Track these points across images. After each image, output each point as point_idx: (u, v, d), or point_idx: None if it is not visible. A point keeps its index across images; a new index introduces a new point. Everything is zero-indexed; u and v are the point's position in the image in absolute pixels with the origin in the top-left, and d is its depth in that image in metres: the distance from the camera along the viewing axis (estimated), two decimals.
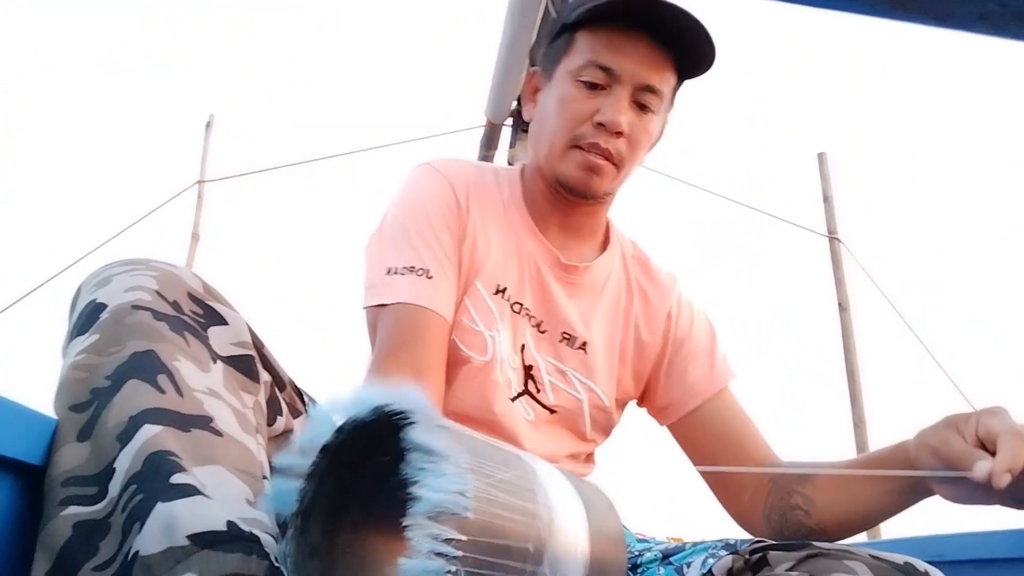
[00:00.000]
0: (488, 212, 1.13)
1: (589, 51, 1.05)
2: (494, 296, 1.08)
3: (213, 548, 0.49)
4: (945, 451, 0.77)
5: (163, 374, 0.57)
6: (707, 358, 1.17)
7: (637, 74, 1.04)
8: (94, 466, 0.53)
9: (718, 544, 0.82)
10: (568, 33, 1.09)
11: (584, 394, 1.12)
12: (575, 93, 1.05)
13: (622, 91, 1.04)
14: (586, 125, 1.04)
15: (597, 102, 1.04)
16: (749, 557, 0.77)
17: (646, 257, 1.24)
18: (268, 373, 0.71)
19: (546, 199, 1.13)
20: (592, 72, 1.04)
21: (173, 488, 0.50)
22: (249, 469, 0.57)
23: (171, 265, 0.67)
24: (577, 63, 1.05)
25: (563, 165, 1.06)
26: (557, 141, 1.07)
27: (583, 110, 1.04)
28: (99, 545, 0.50)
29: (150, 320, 0.60)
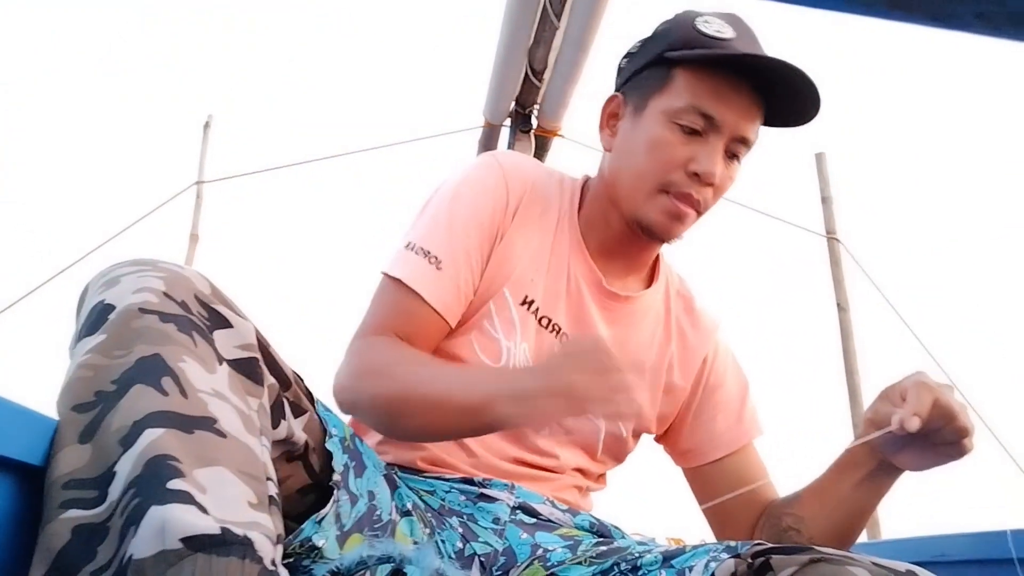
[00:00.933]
0: (539, 219, 1.09)
1: (691, 95, 1.00)
2: (519, 306, 1.06)
3: (206, 552, 0.49)
4: (876, 418, 0.90)
5: (168, 376, 0.57)
6: (737, 411, 1.16)
7: (737, 126, 1.01)
8: (95, 469, 0.53)
9: (719, 547, 0.82)
10: (665, 67, 1.04)
11: (602, 422, 1.10)
12: (670, 136, 1.01)
13: (719, 141, 1.01)
14: (679, 172, 1.01)
15: (693, 149, 1.00)
16: (752, 561, 0.76)
17: (691, 296, 1.21)
18: (273, 376, 0.71)
19: (606, 224, 1.10)
20: (692, 118, 1.00)
21: (169, 492, 0.50)
22: (252, 471, 0.57)
23: (180, 267, 0.67)
24: (676, 104, 1.01)
25: (648, 208, 1.03)
26: (645, 183, 1.03)
27: (678, 156, 1.01)
28: (97, 549, 0.50)
29: (157, 323, 0.60)
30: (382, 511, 0.89)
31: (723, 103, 1.00)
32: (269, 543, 0.53)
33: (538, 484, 1.05)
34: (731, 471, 1.12)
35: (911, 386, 0.87)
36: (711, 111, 0.99)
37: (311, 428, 0.80)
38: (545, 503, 1.03)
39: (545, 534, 0.98)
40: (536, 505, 1.01)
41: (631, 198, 1.05)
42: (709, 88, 1.00)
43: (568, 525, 1.02)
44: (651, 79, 1.05)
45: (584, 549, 0.94)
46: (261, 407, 0.66)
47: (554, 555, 0.94)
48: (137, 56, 5.70)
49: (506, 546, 0.96)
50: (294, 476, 0.79)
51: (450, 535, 0.96)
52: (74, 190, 5.09)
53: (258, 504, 0.55)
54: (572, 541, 0.96)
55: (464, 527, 0.97)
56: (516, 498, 1.01)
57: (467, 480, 1.02)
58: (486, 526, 0.97)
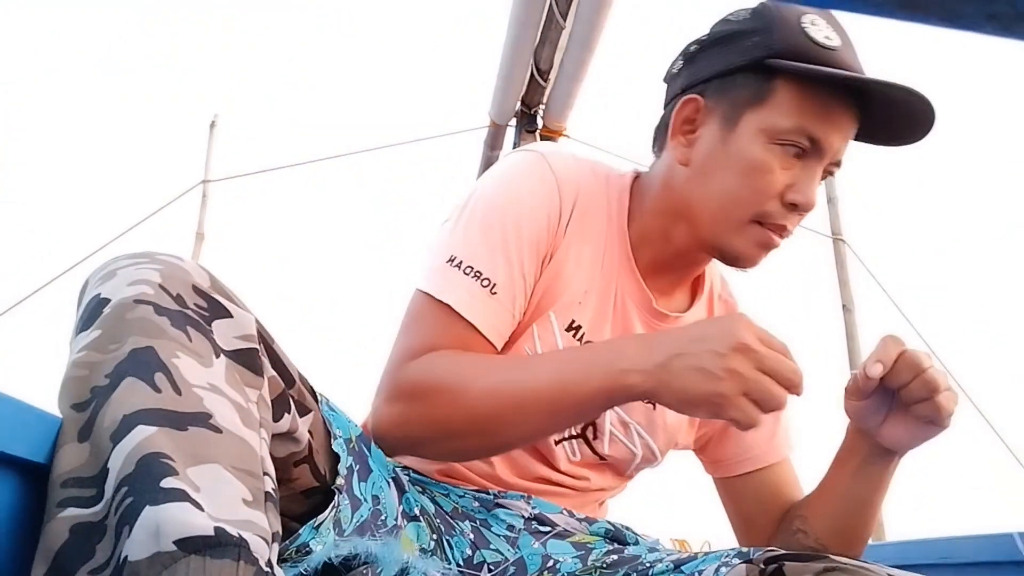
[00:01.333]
0: (589, 231, 0.99)
1: (799, 114, 0.89)
2: (565, 332, 0.98)
3: (200, 553, 0.48)
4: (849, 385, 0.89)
5: (161, 372, 0.57)
6: (772, 422, 1.08)
7: (840, 150, 0.93)
8: (92, 467, 0.53)
9: (731, 552, 0.81)
10: (765, 75, 0.91)
11: (640, 450, 1.04)
12: (771, 161, 0.90)
13: (819, 166, 0.92)
14: (775, 202, 0.92)
15: (793, 175, 0.91)
16: (764, 567, 0.75)
17: (734, 301, 1.15)
18: (275, 368, 0.70)
19: (665, 240, 1.00)
20: (797, 138, 0.90)
21: (163, 492, 0.50)
22: (247, 467, 0.57)
23: (177, 258, 0.66)
24: (781, 124, 0.90)
25: (737, 239, 0.94)
26: (738, 211, 0.93)
27: (777, 184, 0.91)
28: (96, 548, 0.50)
29: (151, 315, 0.60)
30: (387, 516, 0.87)
31: (831, 125, 0.90)
32: (264, 543, 0.53)
33: (557, 500, 1.02)
34: (760, 486, 1.08)
35: (879, 340, 0.85)
36: (819, 134, 0.90)
37: (316, 429, 0.79)
38: (562, 513, 1.00)
39: (557, 542, 0.96)
40: (552, 515, 0.99)
41: (717, 225, 0.94)
42: (818, 107, 0.89)
43: (582, 532, 1.00)
44: (745, 86, 0.92)
45: (595, 559, 0.92)
46: (261, 399, 0.64)
47: (564, 566, 0.92)
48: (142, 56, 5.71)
49: (517, 556, 0.93)
50: (300, 479, 0.78)
51: (459, 541, 0.94)
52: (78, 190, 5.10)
53: (253, 501, 0.55)
54: (583, 550, 0.95)
55: (476, 533, 0.95)
56: (532, 509, 0.98)
57: (482, 490, 0.99)
58: (499, 533, 0.96)
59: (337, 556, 0.74)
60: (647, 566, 0.86)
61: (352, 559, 0.75)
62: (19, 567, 0.54)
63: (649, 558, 0.89)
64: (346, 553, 0.75)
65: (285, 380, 0.73)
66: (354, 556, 0.76)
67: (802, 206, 0.92)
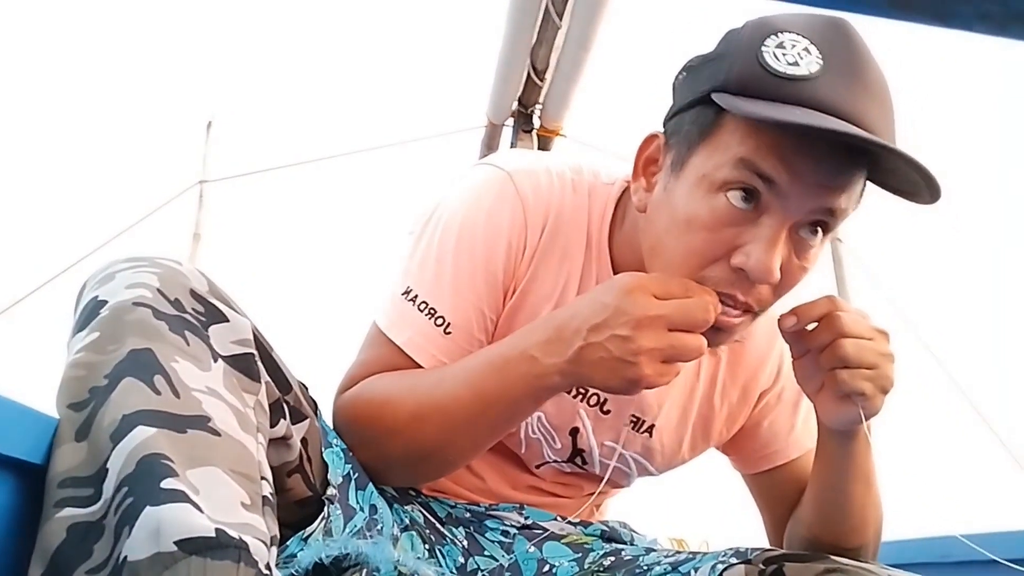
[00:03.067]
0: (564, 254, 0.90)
1: (744, 147, 0.71)
2: None
3: (200, 555, 0.48)
4: None
5: (160, 375, 0.57)
6: (790, 416, 1.03)
7: (809, 200, 0.71)
8: (90, 467, 0.53)
9: (728, 552, 0.81)
10: (713, 109, 0.74)
11: (635, 470, 1.01)
12: (711, 213, 0.73)
13: (781, 219, 0.72)
14: (719, 266, 0.74)
15: (741, 231, 0.73)
16: (764, 568, 0.75)
17: None
18: (271, 374, 0.71)
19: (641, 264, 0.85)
20: (742, 175, 0.71)
21: (163, 492, 0.50)
22: (246, 470, 0.57)
23: (175, 262, 0.66)
24: (720, 162, 0.73)
25: None
26: (680, 272, 0.76)
27: (719, 241, 0.74)
28: (93, 548, 0.50)
29: (150, 318, 0.60)
30: (384, 525, 0.86)
31: (791, 169, 0.70)
32: (263, 546, 0.53)
33: (551, 509, 1.01)
34: (784, 482, 1.03)
35: None
36: (769, 171, 0.70)
37: (311, 436, 0.79)
38: (556, 520, 0.99)
39: (553, 544, 0.96)
40: (545, 523, 0.98)
41: None
42: (768, 143, 0.70)
43: (577, 534, 0.99)
44: (695, 123, 0.76)
45: (592, 561, 0.92)
46: (258, 404, 0.65)
47: (561, 570, 0.92)
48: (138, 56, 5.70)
49: (512, 561, 0.93)
50: (294, 489, 0.77)
51: (451, 550, 0.93)
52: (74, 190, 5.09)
53: (251, 505, 0.55)
54: (580, 552, 0.94)
55: (470, 539, 0.95)
56: (526, 519, 0.97)
57: (473, 504, 0.99)
58: (494, 539, 0.95)
59: (328, 556, 0.74)
60: (644, 568, 0.86)
61: (343, 559, 0.75)
62: (15, 568, 0.54)
63: (647, 560, 0.89)
64: (336, 553, 0.75)
65: (281, 386, 0.73)
66: (345, 556, 0.76)
67: (752, 274, 0.72)
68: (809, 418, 1.02)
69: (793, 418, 1.03)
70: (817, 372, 0.78)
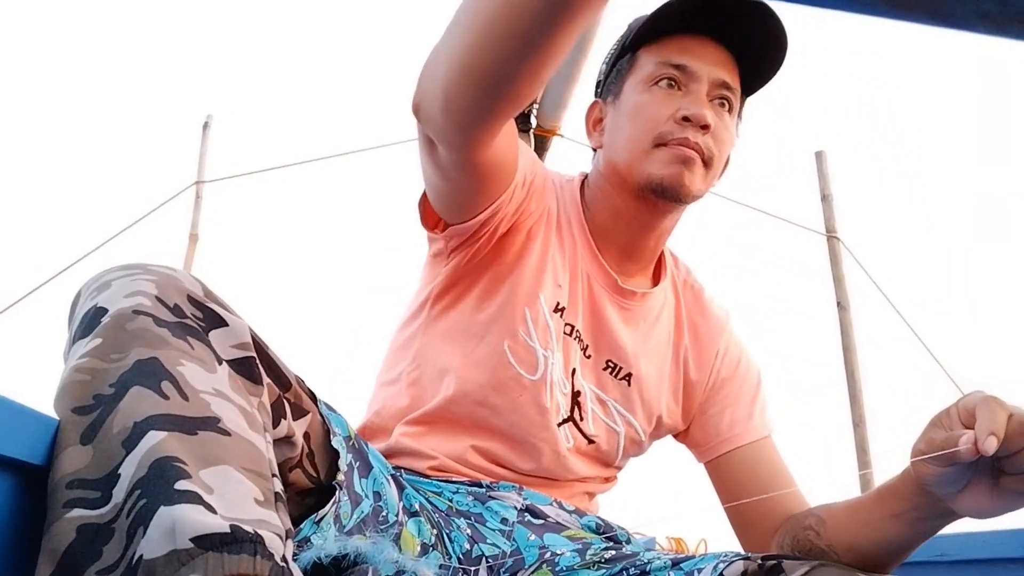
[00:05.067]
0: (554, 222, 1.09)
1: (658, 56, 1.03)
2: (553, 314, 1.05)
3: (217, 550, 0.49)
4: (932, 447, 0.74)
5: (167, 380, 0.57)
6: (748, 405, 1.14)
7: (713, 71, 1.02)
8: (98, 471, 0.53)
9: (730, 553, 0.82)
10: (630, 53, 1.08)
11: (622, 427, 1.09)
12: (650, 97, 1.03)
13: (700, 88, 1.01)
14: (668, 123, 1.01)
15: (676, 101, 1.01)
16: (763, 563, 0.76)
17: (700, 287, 1.20)
18: (271, 375, 0.71)
19: (615, 220, 1.09)
20: (665, 71, 1.02)
21: (178, 493, 0.50)
22: (257, 468, 0.58)
23: (169, 269, 0.67)
24: (648, 71, 1.04)
25: (651, 165, 1.01)
26: (640, 143, 1.02)
27: (663, 110, 1.01)
28: (103, 549, 0.50)
29: (152, 326, 0.60)
30: (388, 512, 0.88)
31: (691, 53, 1.02)
32: (279, 540, 0.54)
33: (547, 490, 1.05)
34: (742, 464, 1.10)
35: (980, 402, 0.72)
36: (681, 60, 1.01)
37: (313, 429, 0.80)
38: (552, 504, 1.03)
39: (553, 535, 0.98)
40: (543, 507, 1.01)
41: (633, 165, 1.03)
42: (674, 46, 1.03)
43: (575, 527, 1.02)
44: (620, 71, 1.08)
45: (593, 553, 0.93)
46: (261, 405, 0.66)
47: (563, 559, 0.93)
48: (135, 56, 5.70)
49: (513, 548, 0.96)
50: (295, 483, 0.79)
51: (458, 536, 0.96)
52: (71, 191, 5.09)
53: (264, 501, 0.56)
54: (580, 544, 0.96)
55: (472, 528, 0.97)
56: (524, 500, 1.01)
57: (475, 483, 1.02)
58: (494, 527, 0.97)
59: (327, 556, 0.75)
60: (645, 562, 0.87)
61: (342, 559, 0.76)
62: (14, 566, 0.54)
63: (647, 556, 0.90)
64: (336, 553, 0.75)
65: (281, 384, 0.74)
66: (343, 556, 0.76)
67: (694, 117, 0.99)
68: (765, 411, 1.14)
69: (751, 407, 1.14)
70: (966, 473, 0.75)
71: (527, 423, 1.03)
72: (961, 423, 0.73)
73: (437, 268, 1.09)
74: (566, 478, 1.07)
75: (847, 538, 0.90)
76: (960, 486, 0.76)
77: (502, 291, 1.05)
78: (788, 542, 0.99)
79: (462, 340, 1.05)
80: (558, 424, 1.04)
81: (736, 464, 1.11)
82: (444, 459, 1.02)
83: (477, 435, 1.03)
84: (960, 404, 0.74)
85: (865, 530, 0.88)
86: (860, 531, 0.89)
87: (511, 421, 1.03)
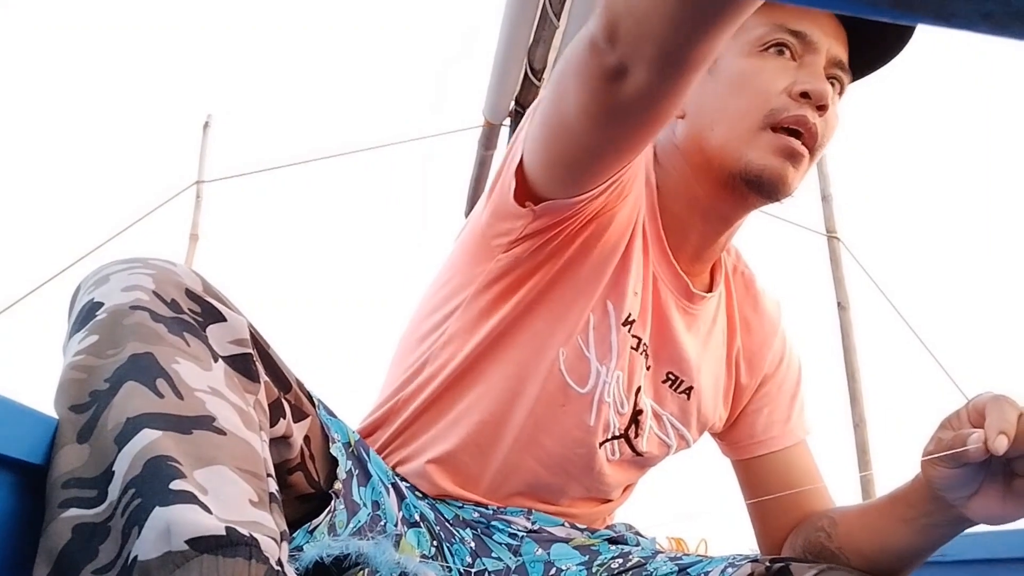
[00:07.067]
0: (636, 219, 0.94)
1: (771, 18, 0.87)
2: (621, 327, 0.94)
3: (212, 553, 0.48)
4: (941, 448, 0.72)
5: (162, 378, 0.57)
6: (787, 407, 1.07)
7: (833, 46, 0.88)
8: (94, 468, 0.53)
9: (738, 556, 0.82)
10: None
11: (674, 441, 1.03)
12: (763, 63, 0.87)
13: (818, 60, 0.87)
14: (783, 97, 0.86)
15: (792, 71, 0.86)
16: (771, 565, 0.76)
17: (751, 275, 1.10)
18: (271, 375, 0.71)
19: (689, 208, 0.94)
20: (781, 35, 0.87)
21: (172, 494, 0.50)
22: (252, 468, 0.57)
23: (169, 263, 0.66)
24: (757, 33, 0.87)
25: (753, 150, 0.86)
26: (747, 119, 0.86)
27: (777, 81, 0.86)
28: (99, 548, 0.50)
29: (148, 321, 0.60)
30: (387, 522, 0.87)
31: (811, 19, 0.87)
32: (274, 543, 0.53)
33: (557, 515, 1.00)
34: (775, 470, 1.04)
35: (990, 401, 0.70)
36: (801, 27, 0.86)
37: (313, 433, 0.79)
38: (563, 525, 0.99)
39: (560, 545, 0.95)
40: (552, 529, 0.97)
41: (730, 147, 0.87)
42: (790, 9, 0.86)
43: (584, 537, 0.98)
44: None
45: (599, 564, 0.92)
46: (258, 403, 0.65)
47: (568, 574, 0.91)
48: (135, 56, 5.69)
49: (519, 563, 0.93)
50: (295, 486, 0.78)
51: (459, 549, 0.93)
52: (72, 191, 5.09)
53: (259, 502, 0.55)
54: (588, 555, 0.94)
55: (477, 540, 0.94)
56: (533, 524, 0.97)
57: (480, 505, 0.98)
58: (501, 541, 0.95)
59: (328, 556, 0.74)
60: (651, 571, 0.86)
61: (344, 559, 0.75)
62: (15, 566, 0.54)
63: (654, 564, 0.88)
64: (338, 552, 0.75)
65: (280, 384, 0.73)
66: (346, 556, 0.76)
67: (812, 93, 0.85)
68: (804, 411, 1.08)
69: (790, 409, 1.08)
70: (977, 476, 0.73)
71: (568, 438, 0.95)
72: (971, 424, 0.71)
73: (489, 255, 0.92)
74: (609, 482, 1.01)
75: (856, 542, 0.89)
76: (971, 490, 0.74)
77: (567, 290, 0.93)
78: (800, 543, 0.97)
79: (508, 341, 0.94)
80: (601, 442, 0.97)
81: (767, 469, 1.05)
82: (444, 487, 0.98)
83: None
84: (970, 405, 0.72)
85: (874, 535, 0.86)
86: (869, 536, 0.87)
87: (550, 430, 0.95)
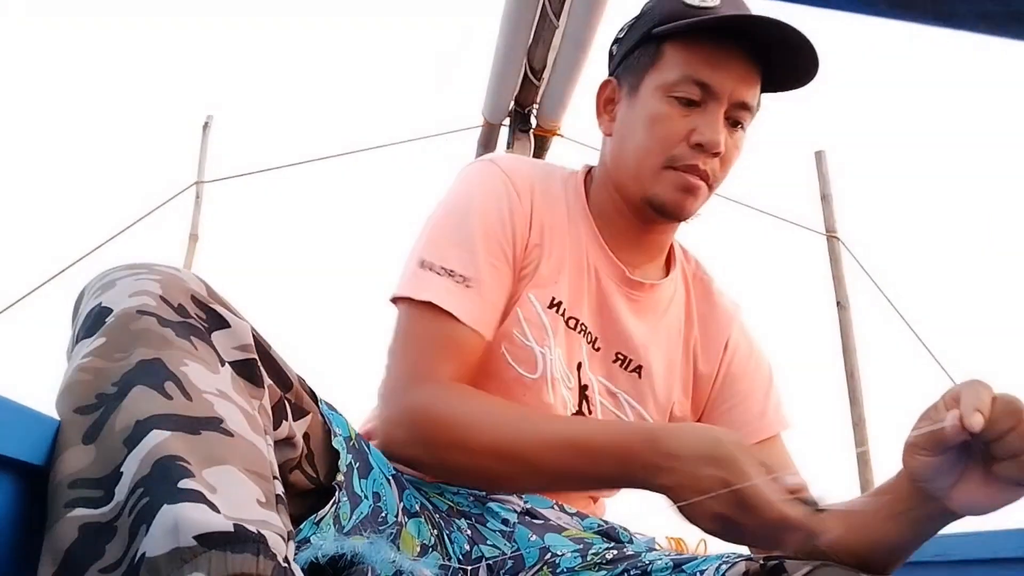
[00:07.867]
0: (551, 216, 1.06)
1: (684, 65, 0.99)
2: (548, 310, 1.03)
3: (220, 549, 0.49)
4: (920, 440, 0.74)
5: (170, 380, 0.57)
6: (761, 401, 1.12)
7: (735, 91, 0.99)
8: (100, 469, 0.53)
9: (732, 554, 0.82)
10: (654, 44, 1.03)
11: (632, 418, 1.07)
12: (668, 110, 1.00)
13: (718, 108, 0.99)
14: (682, 146, 0.99)
15: (692, 120, 0.99)
16: (765, 563, 0.76)
17: (709, 279, 1.19)
18: (272, 376, 0.71)
19: (619, 214, 1.08)
20: (688, 88, 0.99)
21: (181, 492, 0.50)
22: (259, 470, 0.57)
23: (174, 268, 0.67)
24: (670, 78, 1.00)
25: (657, 187, 1.01)
26: (650, 161, 1.01)
27: (678, 129, 0.99)
28: (105, 547, 0.50)
29: (156, 326, 0.60)
30: (388, 513, 0.88)
31: (717, 69, 0.98)
32: (281, 540, 0.54)
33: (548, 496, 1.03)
34: None
35: (964, 385, 0.72)
36: (705, 79, 0.98)
37: (314, 430, 0.80)
38: (553, 507, 1.01)
39: (554, 535, 0.97)
40: (543, 510, 1.00)
41: (638, 179, 1.03)
42: (700, 57, 0.99)
43: (576, 528, 1.00)
44: (642, 58, 1.04)
45: (594, 554, 0.93)
46: (262, 408, 0.66)
47: (564, 560, 0.93)
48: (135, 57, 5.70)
49: (514, 549, 0.94)
50: (295, 484, 0.79)
51: (458, 537, 0.95)
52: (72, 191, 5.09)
53: (266, 503, 0.56)
54: (582, 545, 0.95)
55: (472, 529, 0.96)
56: (524, 503, 0.99)
57: None
58: (495, 528, 0.96)
59: (324, 556, 0.74)
60: (647, 563, 0.87)
61: (339, 559, 0.76)
62: (15, 566, 0.54)
63: (649, 556, 0.89)
64: (333, 552, 0.75)
65: (282, 385, 0.74)
66: (341, 556, 0.76)
67: (707, 145, 0.98)
68: (780, 407, 1.12)
69: (764, 402, 1.12)
70: (956, 465, 0.75)
71: None
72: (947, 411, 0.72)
73: None
74: None
75: (846, 540, 0.87)
76: (952, 479, 0.75)
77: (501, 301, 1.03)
78: None
79: None
80: None
81: None
82: None
83: None
84: (947, 395, 0.73)
85: (862, 531, 0.86)
86: (857, 532, 0.86)
87: None
